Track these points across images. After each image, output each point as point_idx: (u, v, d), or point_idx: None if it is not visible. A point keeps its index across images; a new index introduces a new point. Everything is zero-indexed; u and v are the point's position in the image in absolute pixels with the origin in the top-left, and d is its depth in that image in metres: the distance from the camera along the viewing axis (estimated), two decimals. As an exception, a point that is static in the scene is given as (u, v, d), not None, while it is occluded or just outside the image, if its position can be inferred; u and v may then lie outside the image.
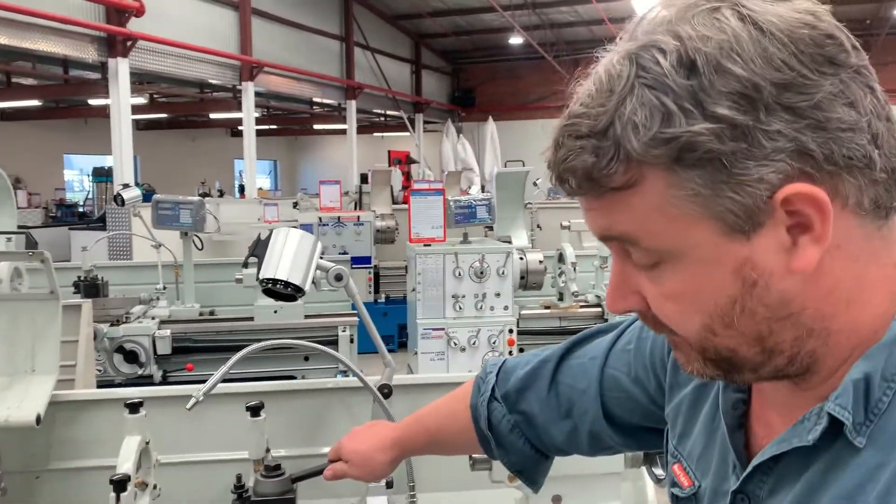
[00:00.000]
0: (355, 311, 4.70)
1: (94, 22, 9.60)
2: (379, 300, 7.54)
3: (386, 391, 1.83)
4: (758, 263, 0.62)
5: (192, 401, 1.60)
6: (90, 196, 17.86)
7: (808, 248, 0.61)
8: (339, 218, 7.31)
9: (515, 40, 18.49)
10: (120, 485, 1.44)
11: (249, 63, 13.01)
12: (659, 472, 1.63)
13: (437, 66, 22.50)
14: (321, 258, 1.83)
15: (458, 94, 23.33)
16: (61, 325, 1.93)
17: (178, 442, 1.86)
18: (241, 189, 18.01)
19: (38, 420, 1.70)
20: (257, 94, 13.73)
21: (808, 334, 0.64)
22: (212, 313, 4.98)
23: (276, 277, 1.70)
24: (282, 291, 1.74)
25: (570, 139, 0.64)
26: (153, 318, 4.47)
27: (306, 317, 4.72)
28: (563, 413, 1.07)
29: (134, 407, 1.58)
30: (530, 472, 1.16)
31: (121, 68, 9.91)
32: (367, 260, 7.27)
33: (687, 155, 0.60)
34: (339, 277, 1.82)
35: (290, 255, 1.72)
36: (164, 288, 4.85)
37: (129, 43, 10.00)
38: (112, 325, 4.23)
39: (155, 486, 1.66)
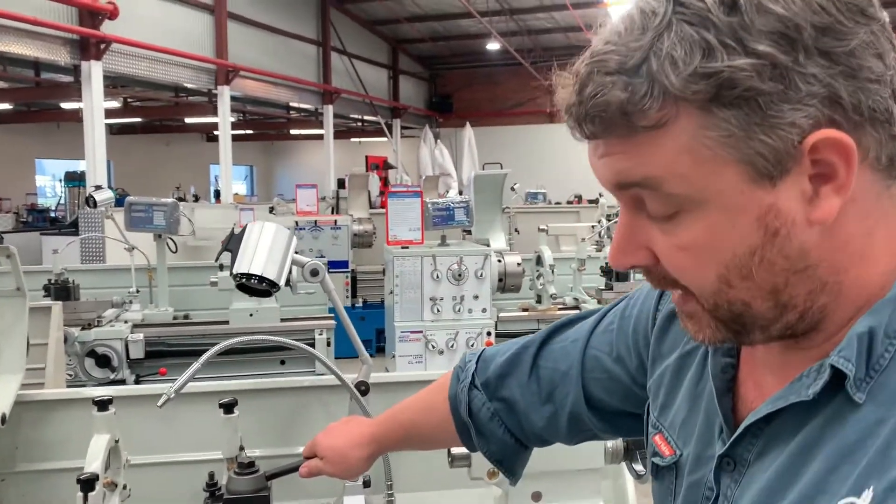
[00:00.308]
0: (332, 314, 4.68)
1: (66, 24, 9.47)
2: (356, 304, 7.49)
3: (363, 388, 1.81)
4: (781, 211, 0.62)
5: (164, 398, 1.56)
6: (62, 201, 17.62)
7: (829, 198, 0.61)
8: (315, 222, 7.24)
9: (493, 46, 18.55)
10: (87, 484, 1.39)
11: (225, 67, 12.91)
12: (639, 467, 1.62)
13: (415, 71, 22.51)
14: (296, 254, 1.80)
15: (436, 99, 23.34)
16: (29, 326, 1.88)
17: (150, 442, 1.82)
18: (217, 194, 17.83)
19: (3, 420, 1.66)
20: (233, 98, 13.63)
21: (821, 288, 0.65)
22: (186, 317, 4.92)
23: (250, 272, 1.67)
24: (256, 287, 1.71)
25: (599, 75, 0.63)
26: (126, 322, 4.41)
27: (282, 320, 4.69)
28: (544, 397, 1.07)
29: (102, 404, 1.54)
30: (509, 461, 1.15)
31: (94, 71, 9.77)
32: (344, 264, 7.22)
33: (725, 92, 0.59)
34: (314, 272, 1.80)
35: (264, 250, 1.69)
36: (138, 291, 4.79)
37: (102, 46, 9.87)
38: (83, 328, 4.17)
39: (125, 487, 1.62)
